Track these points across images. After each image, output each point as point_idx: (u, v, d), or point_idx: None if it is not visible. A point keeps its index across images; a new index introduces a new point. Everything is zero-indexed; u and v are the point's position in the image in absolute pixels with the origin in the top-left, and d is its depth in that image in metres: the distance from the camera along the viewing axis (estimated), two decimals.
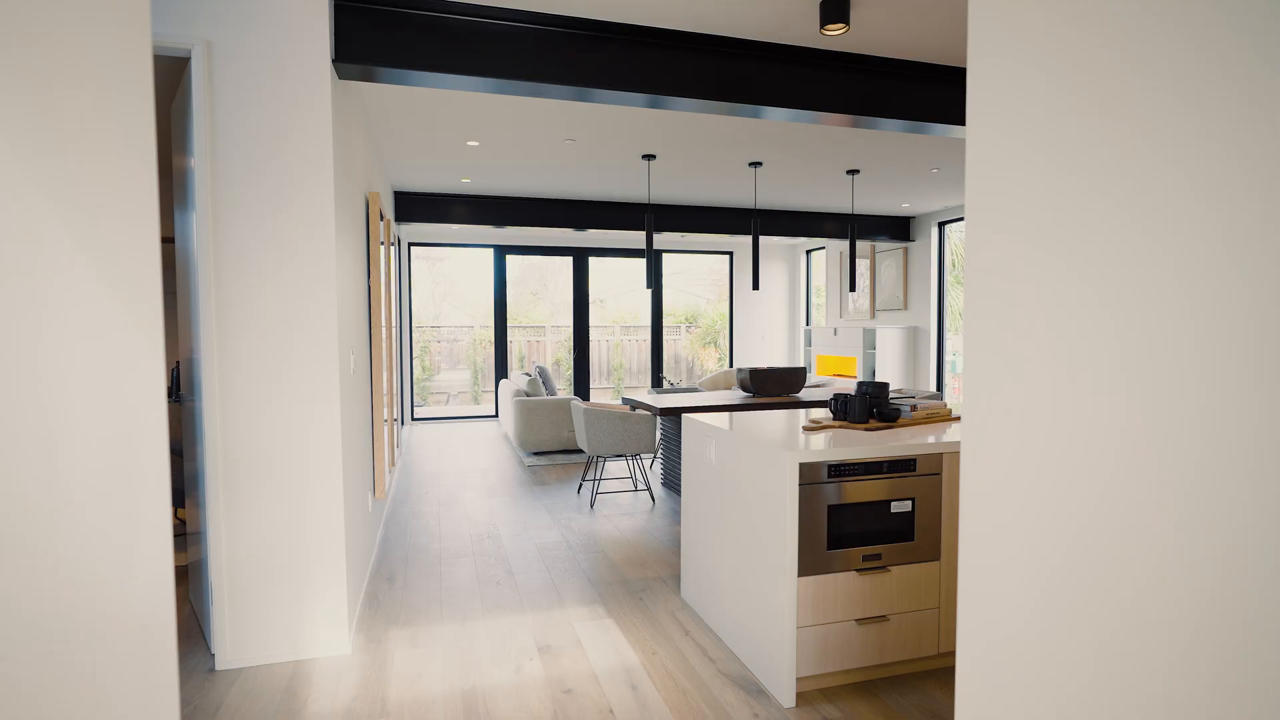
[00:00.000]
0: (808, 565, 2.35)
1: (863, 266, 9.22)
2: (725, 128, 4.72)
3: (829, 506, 2.37)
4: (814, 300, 10.88)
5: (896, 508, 2.46)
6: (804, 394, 5.85)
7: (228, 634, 2.66)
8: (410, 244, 9.31)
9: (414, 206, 6.97)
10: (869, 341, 8.69)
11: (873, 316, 9.05)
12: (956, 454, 2.52)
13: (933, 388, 8.17)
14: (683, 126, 4.68)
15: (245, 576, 2.67)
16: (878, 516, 2.44)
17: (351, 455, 3.12)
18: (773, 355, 11.01)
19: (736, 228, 7.88)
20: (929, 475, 2.49)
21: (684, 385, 11.27)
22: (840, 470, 2.38)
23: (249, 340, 2.62)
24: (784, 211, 8.01)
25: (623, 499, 5.24)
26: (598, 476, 5.37)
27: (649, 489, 5.21)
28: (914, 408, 2.98)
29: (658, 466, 6.45)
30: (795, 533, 2.32)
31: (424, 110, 4.30)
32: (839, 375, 9.07)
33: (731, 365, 10.92)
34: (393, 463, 4.95)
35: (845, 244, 9.53)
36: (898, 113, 3.59)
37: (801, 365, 5.75)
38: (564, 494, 5.42)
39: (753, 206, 7.81)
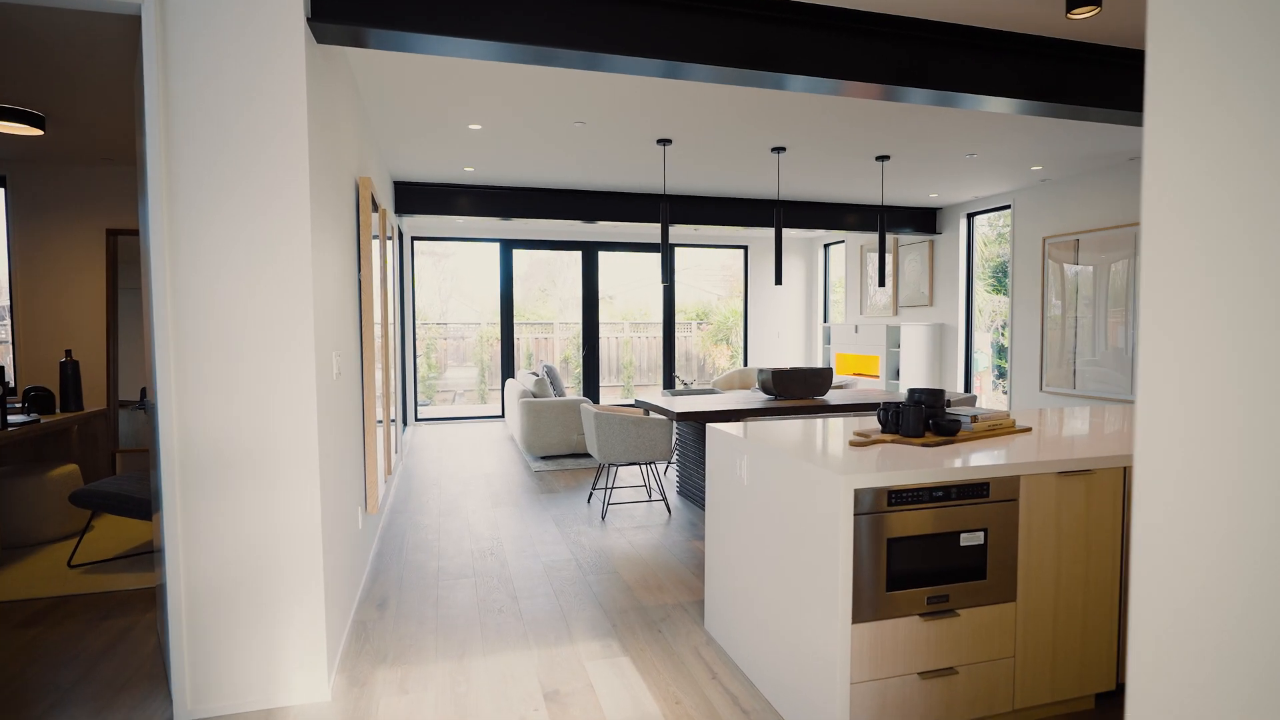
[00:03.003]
0: (864, 609, 1.98)
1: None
2: (747, 109, 4.34)
3: (889, 540, 2.00)
4: (832, 296, 10.48)
5: (966, 540, 2.08)
6: (829, 396, 5.47)
7: (187, 677, 2.32)
8: (413, 238, 8.97)
9: (415, 198, 6.62)
10: (892, 339, 8.29)
11: (895, 313, 8.64)
12: (1036, 477, 2.14)
13: (960, 388, 7.76)
14: (701, 107, 4.31)
15: (208, 607, 2.32)
16: (945, 551, 2.06)
17: (335, 468, 2.76)
18: (789, 353, 10.62)
19: (754, 220, 7.49)
20: (1004, 502, 2.11)
21: (696, 384, 10.89)
22: (902, 497, 2.01)
23: (210, 337, 2.27)
24: (804, 203, 7.62)
25: (636, 510, 4.88)
26: (609, 485, 5.01)
27: (664, 499, 4.84)
28: (974, 419, 2.60)
29: (672, 473, 6.09)
30: (850, 571, 1.95)
31: (421, 88, 3.94)
32: (860, 375, 8.68)
33: (746, 364, 10.54)
34: (389, 470, 4.61)
35: (866, 238, 9.13)
36: (942, 84, 3.19)
37: (827, 366, 5.37)
38: (573, 503, 5.07)
39: (773, 197, 7.42)
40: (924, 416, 2.49)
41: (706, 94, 4.05)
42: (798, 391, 5.25)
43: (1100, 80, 3.41)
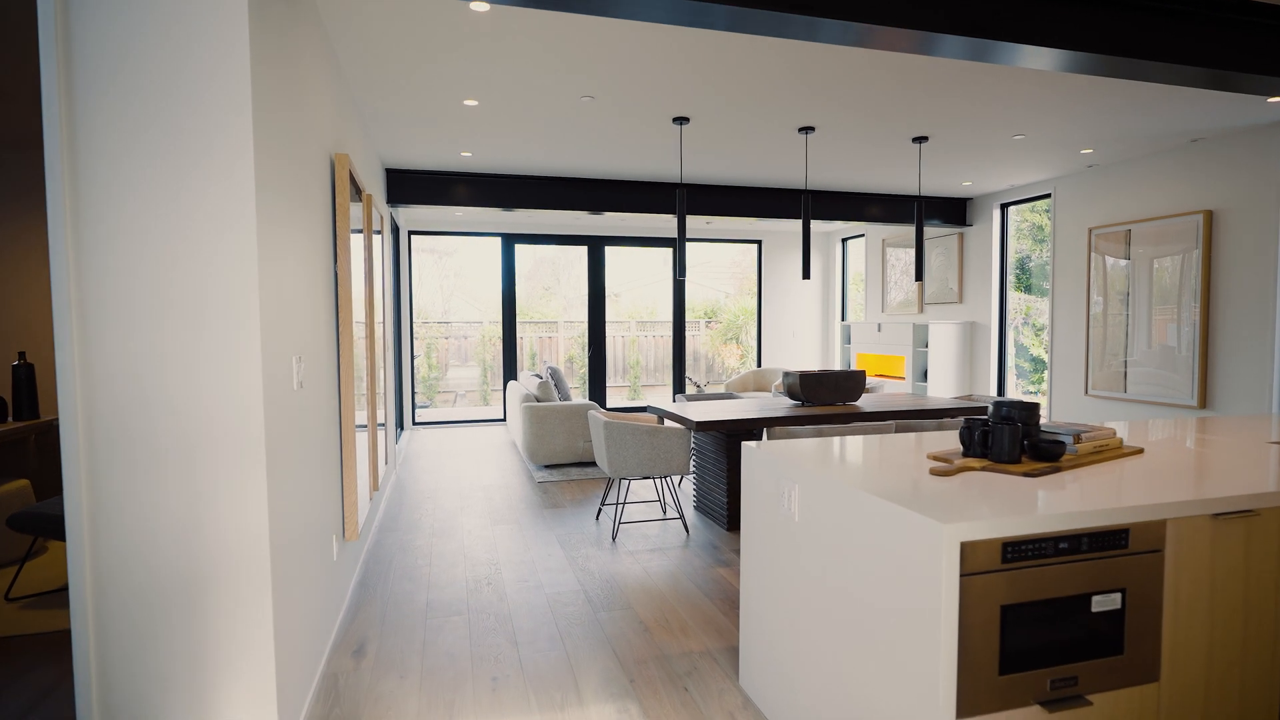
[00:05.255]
0: (972, 699, 1.50)
1: (907, 256, 8.31)
2: (773, 82, 3.85)
3: (1003, 608, 1.52)
4: (850, 293, 9.98)
5: (1099, 604, 1.60)
6: (861, 401, 4.97)
7: None
8: (410, 232, 8.49)
9: (409, 187, 6.14)
10: (920, 339, 7.79)
11: (921, 310, 8.14)
12: (1186, 520, 1.65)
13: (993, 391, 7.27)
14: (722, 79, 3.82)
15: (123, 658, 1.85)
16: (1072, 619, 1.58)
17: (298, 495, 2.29)
18: (805, 353, 10.12)
19: (773, 210, 6.99)
20: (1147, 553, 1.63)
21: (707, 386, 10.41)
22: (1020, 550, 1.52)
23: (122, 332, 1.79)
24: (825, 192, 7.13)
25: (650, 529, 4.40)
26: (620, 500, 4.53)
27: (681, 516, 4.36)
28: (1077, 438, 2.12)
29: (687, 484, 5.61)
30: (954, 650, 1.47)
31: (408, 56, 3.47)
32: (884, 376, 8.18)
33: (759, 364, 10.05)
34: (376, 486, 4.14)
35: (888, 231, 8.63)
36: (996, 31, 2.67)
37: (859, 369, 4.89)
38: (580, 520, 4.59)
39: (794, 185, 6.92)
40: (1019, 436, 2.00)
41: (729, 64, 3.56)
42: (827, 397, 4.76)
43: (1176, 34, 2.90)
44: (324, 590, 2.72)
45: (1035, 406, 2.12)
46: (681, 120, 4.55)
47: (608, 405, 9.53)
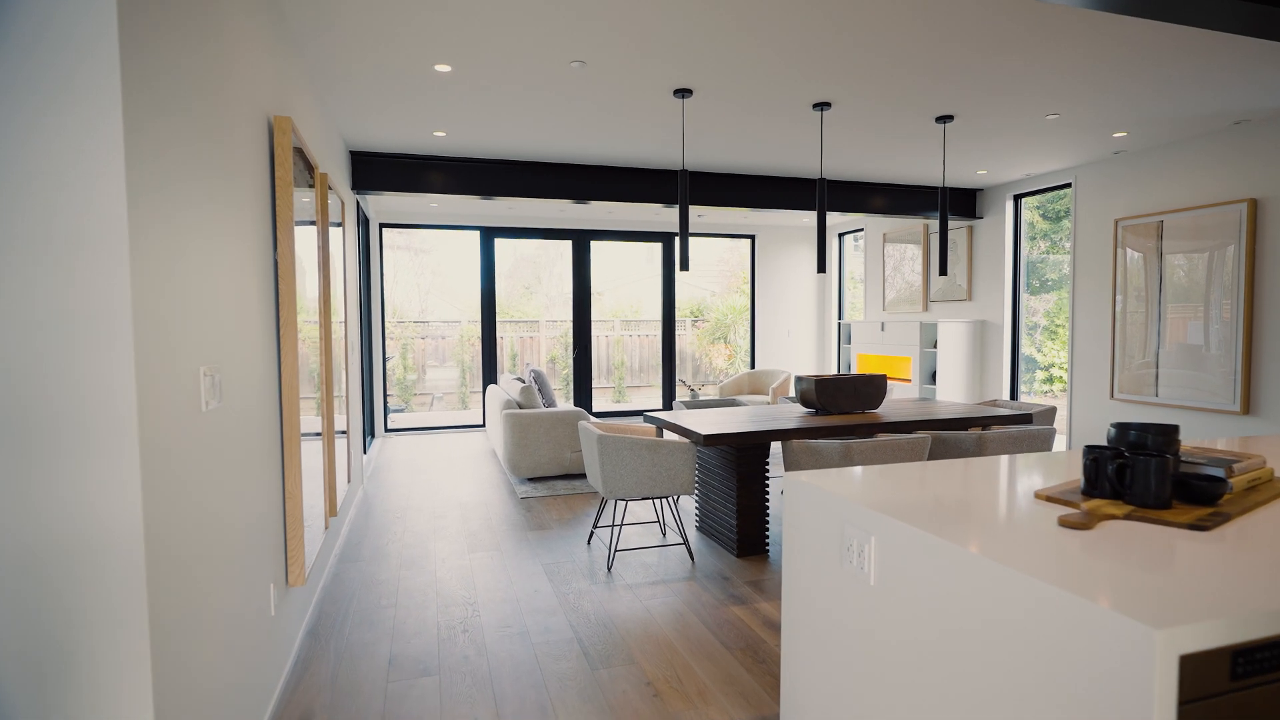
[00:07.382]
0: None
1: (912, 251, 7.88)
2: (787, 50, 3.35)
3: None
4: (845, 291, 9.54)
5: None
6: (881, 409, 4.50)
7: None
8: (382, 225, 7.90)
9: (377, 172, 5.56)
10: (927, 338, 7.35)
11: (926, 309, 7.70)
12: None
13: (1006, 395, 6.84)
14: (729, 47, 3.31)
15: None
16: None
17: (209, 547, 1.75)
18: (801, 354, 9.66)
19: (772, 201, 6.50)
20: None
21: (702, 390, 9.92)
22: (1256, 661, 1.03)
23: None
24: (829, 181, 6.65)
25: (649, 556, 3.88)
26: (614, 521, 4.01)
27: (684, 540, 3.85)
28: (1230, 470, 1.63)
29: (687, 501, 5.09)
30: None
31: (367, 8, 2.91)
32: (889, 378, 7.73)
33: (753, 365, 9.58)
34: (334, 511, 3.58)
35: (889, 225, 8.20)
36: None
37: (879, 373, 4.42)
38: (569, 546, 4.06)
39: (795, 174, 6.44)
40: (1169, 473, 1.51)
41: (739, 28, 3.05)
42: (846, 404, 4.28)
43: None
44: (256, 654, 2.17)
45: (1174, 430, 1.64)
46: (684, 93, 4.03)
47: (594, 409, 9.00)
